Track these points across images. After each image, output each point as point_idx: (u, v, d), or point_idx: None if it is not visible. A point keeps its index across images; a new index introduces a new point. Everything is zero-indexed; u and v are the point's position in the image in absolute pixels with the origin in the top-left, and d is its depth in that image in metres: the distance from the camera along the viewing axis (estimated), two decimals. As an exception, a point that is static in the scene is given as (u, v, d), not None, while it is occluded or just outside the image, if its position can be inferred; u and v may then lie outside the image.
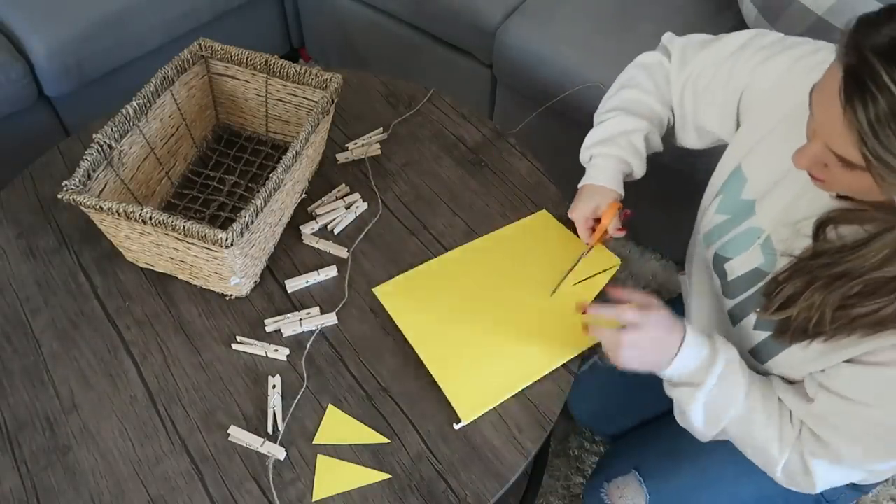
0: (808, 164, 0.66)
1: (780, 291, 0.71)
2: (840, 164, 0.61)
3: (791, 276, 0.71)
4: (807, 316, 0.69)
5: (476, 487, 0.79)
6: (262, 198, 0.85)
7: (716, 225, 0.86)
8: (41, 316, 0.94)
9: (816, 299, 0.67)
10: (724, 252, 0.85)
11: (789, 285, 0.71)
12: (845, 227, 0.69)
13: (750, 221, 0.81)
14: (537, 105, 1.41)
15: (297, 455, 0.82)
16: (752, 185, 0.82)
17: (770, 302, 0.73)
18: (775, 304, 0.72)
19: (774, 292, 0.72)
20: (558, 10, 1.55)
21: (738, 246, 0.82)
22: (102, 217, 0.87)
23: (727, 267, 0.84)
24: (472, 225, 1.04)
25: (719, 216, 0.86)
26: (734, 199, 0.84)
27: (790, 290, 0.70)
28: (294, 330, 0.92)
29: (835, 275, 0.66)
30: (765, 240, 0.79)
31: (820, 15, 1.24)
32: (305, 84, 1.02)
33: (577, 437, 1.42)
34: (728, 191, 0.85)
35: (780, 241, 0.77)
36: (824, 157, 0.63)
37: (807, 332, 0.70)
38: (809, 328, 0.69)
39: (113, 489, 0.80)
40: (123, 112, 0.93)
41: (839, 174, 0.63)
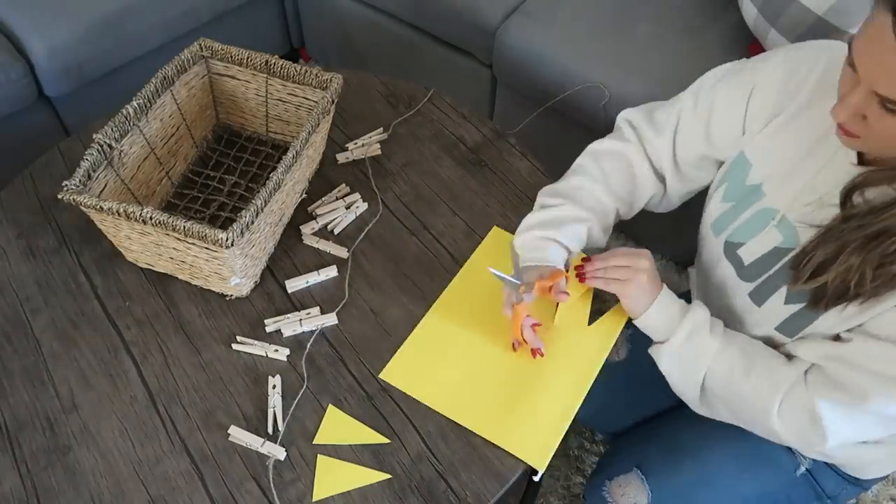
0: (847, 115, 0.66)
1: (809, 260, 0.72)
2: (883, 112, 0.62)
3: (821, 243, 0.72)
4: (844, 279, 0.70)
5: (476, 487, 0.79)
6: (262, 198, 0.85)
7: (722, 213, 0.87)
8: (41, 316, 0.94)
9: (854, 261, 0.68)
10: (735, 238, 0.85)
11: (819, 252, 0.71)
12: (872, 190, 0.70)
13: (759, 204, 0.82)
14: (537, 105, 1.41)
15: (297, 455, 0.82)
16: (758, 168, 0.83)
17: (800, 272, 0.74)
18: (806, 272, 0.73)
19: (804, 262, 0.73)
20: (558, 11, 1.55)
21: (750, 230, 0.83)
22: (102, 217, 0.87)
23: (741, 252, 0.85)
24: (472, 225, 1.04)
25: (725, 204, 0.87)
26: (739, 186, 0.85)
27: (821, 257, 0.71)
28: (294, 330, 0.92)
29: (870, 235, 0.67)
30: (780, 219, 0.80)
31: (820, 15, 1.24)
32: (305, 84, 1.02)
33: (577, 436, 1.42)
34: (732, 178, 0.86)
35: (799, 217, 0.78)
36: (866, 106, 0.63)
37: (846, 295, 0.71)
38: (850, 290, 0.70)
39: (113, 489, 0.80)
40: (123, 112, 0.93)
41: (879, 123, 0.64)
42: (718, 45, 1.46)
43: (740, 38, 1.46)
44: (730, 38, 1.47)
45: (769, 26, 1.33)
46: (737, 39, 1.47)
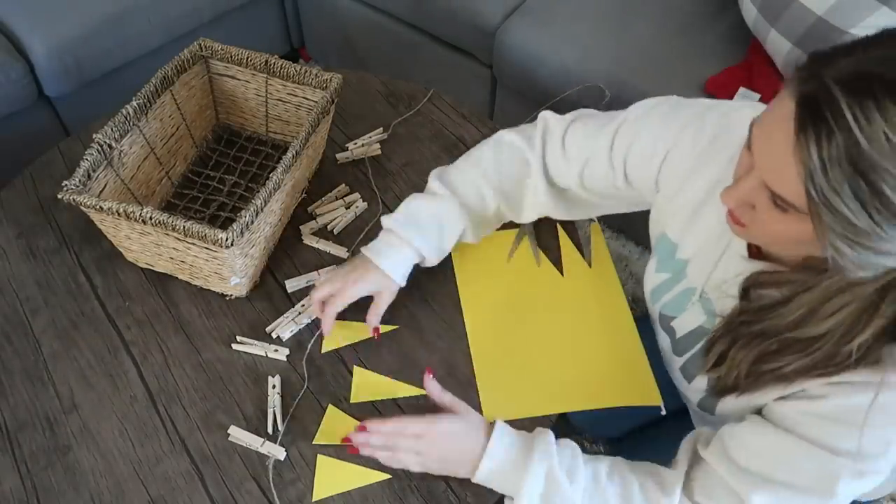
0: (736, 202, 0.62)
1: (711, 350, 0.73)
2: (771, 206, 0.58)
3: (721, 334, 0.72)
4: (728, 372, 0.70)
5: (476, 488, 0.79)
6: (262, 198, 0.85)
7: (658, 284, 0.87)
8: (41, 316, 0.94)
9: (739, 357, 0.68)
10: (667, 311, 0.86)
11: (719, 344, 0.72)
12: (764, 290, 0.69)
13: (685, 282, 0.82)
14: (537, 105, 1.41)
15: (297, 455, 0.82)
16: (681, 248, 0.82)
17: (705, 360, 0.74)
18: (709, 362, 0.73)
19: (709, 351, 0.73)
20: (558, 10, 1.55)
21: (679, 305, 0.83)
22: (102, 217, 0.87)
23: (674, 325, 0.85)
24: (472, 225, 1.04)
25: (660, 275, 0.86)
26: (669, 259, 0.84)
27: (720, 348, 0.72)
28: (292, 330, 0.92)
29: (754, 333, 0.67)
30: (699, 298, 0.80)
31: (820, 15, 1.24)
32: (305, 84, 1.02)
33: (577, 437, 1.42)
34: (661, 252, 0.85)
35: (714, 300, 0.78)
36: (755, 196, 0.59)
37: (727, 388, 0.71)
38: (729, 384, 0.71)
39: (113, 489, 0.80)
40: (123, 112, 0.93)
41: (766, 218, 0.59)
42: (718, 45, 1.46)
43: (740, 38, 1.46)
44: (730, 38, 1.47)
45: (769, 26, 1.33)
46: (737, 39, 1.47)
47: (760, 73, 1.38)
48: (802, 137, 0.51)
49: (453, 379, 0.88)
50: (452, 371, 0.89)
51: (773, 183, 0.56)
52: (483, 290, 0.94)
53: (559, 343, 0.90)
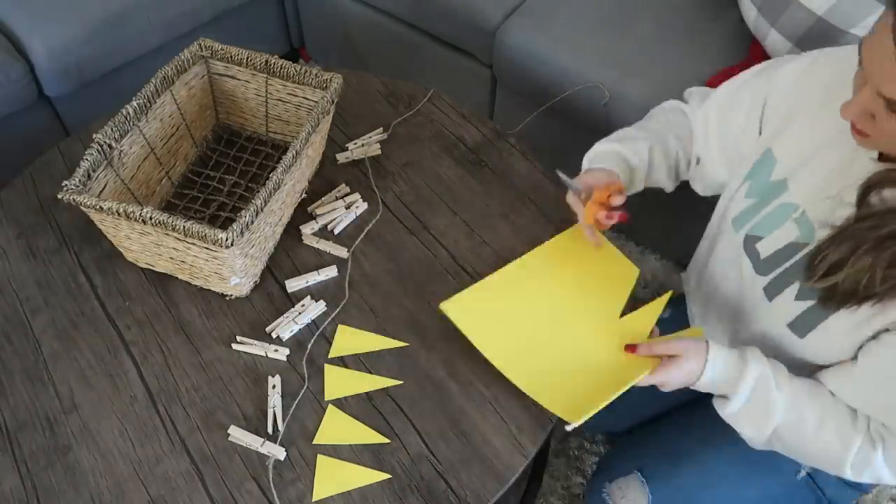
0: (855, 114, 0.66)
1: (824, 258, 0.72)
2: (889, 112, 0.62)
3: (835, 241, 0.72)
4: (855, 279, 0.69)
5: (476, 487, 0.79)
6: (262, 198, 0.85)
7: (744, 209, 0.87)
8: (41, 316, 0.94)
9: (865, 262, 0.68)
10: (756, 231, 0.85)
11: (833, 251, 0.71)
12: (889, 190, 0.69)
13: (781, 199, 0.82)
14: (537, 105, 1.41)
15: (297, 455, 0.82)
16: (782, 165, 0.83)
17: (814, 269, 0.73)
18: (820, 270, 0.72)
19: (818, 259, 0.73)
20: (558, 10, 1.55)
21: (770, 224, 0.84)
22: (102, 217, 0.87)
23: (759, 246, 0.85)
24: (472, 225, 1.04)
25: (748, 200, 0.87)
26: (763, 182, 0.85)
27: (835, 256, 0.71)
28: (292, 330, 0.92)
29: (883, 236, 0.67)
30: (800, 214, 0.80)
31: (820, 15, 1.24)
32: (305, 84, 1.02)
33: (577, 437, 1.42)
34: (756, 175, 0.87)
35: (818, 213, 0.78)
36: (873, 105, 0.64)
37: (856, 294, 0.70)
38: (859, 290, 0.70)
39: (113, 489, 0.80)
40: (123, 112, 0.93)
41: (886, 124, 0.64)
42: (718, 45, 1.46)
43: (740, 38, 1.46)
44: (730, 38, 1.47)
45: (769, 26, 1.33)
46: (737, 39, 1.47)
47: (760, 73, 1.38)
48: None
49: (453, 379, 0.88)
50: (452, 372, 0.89)
51: (885, 89, 0.61)
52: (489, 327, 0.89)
53: (572, 338, 0.89)
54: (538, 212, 1.06)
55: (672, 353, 0.81)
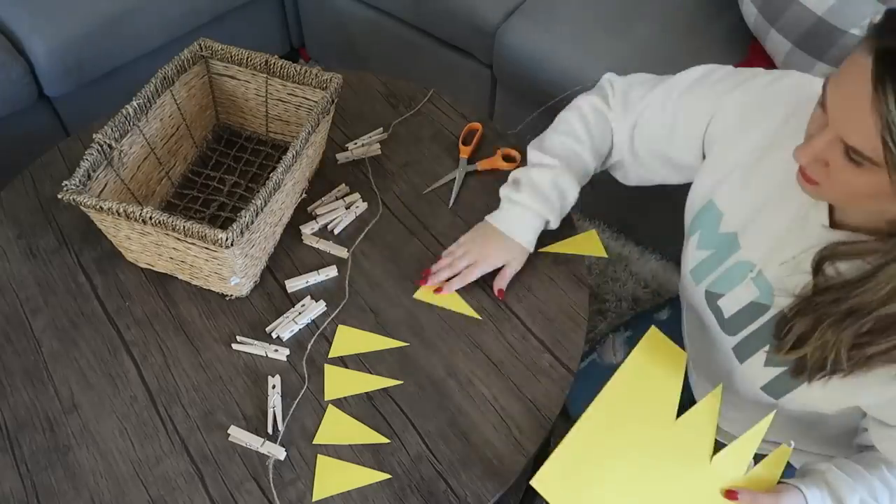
0: (810, 159, 0.62)
1: (790, 330, 0.70)
2: (846, 161, 0.59)
3: (799, 313, 0.69)
4: (822, 354, 0.67)
5: (476, 487, 0.79)
6: (262, 198, 0.85)
7: (701, 261, 0.85)
8: (41, 316, 0.94)
9: (830, 337, 0.66)
10: (715, 289, 0.83)
11: (799, 323, 0.69)
12: (844, 263, 0.67)
13: (737, 255, 0.79)
14: (537, 105, 1.41)
15: (297, 455, 0.82)
16: (729, 218, 0.80)
17: (782, 342, 0.71)
18: (787, 343, 0.70)
19: (784, 331, 0.71)
20: (558, 10, 1.55)
21: (729, 281, 0.81)
22: (102, 217, 0.87)
23: (720, 304, 0.83)
24: (472, 225, 1.04)
25: (701, 252, 0.84)
26: (712, 234, 0.82)
27: (801, 328, 0.69)
28: (292, 330, 0.92)
29: (843, 311, 0.65)
30: (757, 274, 0.77)
31: (820, 15, 1.24)
32: (305, 84, 1.02)
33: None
34: (704, 225, 0.84)
35: (774, 276, 0.76)
36: (830, 152, 0.60)
37: (824, 369, 0.68)
38: (827, 365, 0.68)
39: (113, 489, 0.80)
40: (123, 112, 0.93)
41: (840, 174, 0.60)
42: (718, 45, 1.46)
43: (740, 38, 1.46)
44: (730, 38, 1.47)
45: (769, 26, 1.34)
46: (737, 39, 1.47)
47: (760, 73, 1.38)
48: (881, 90, 0.53)
49: (453, 379, 0.88)
50: (452, 372, 0.89)
51: (849, 136, 0.57)
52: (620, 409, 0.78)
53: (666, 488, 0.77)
54: (538, 212, 1.06)
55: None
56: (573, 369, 0.89)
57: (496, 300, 0.95)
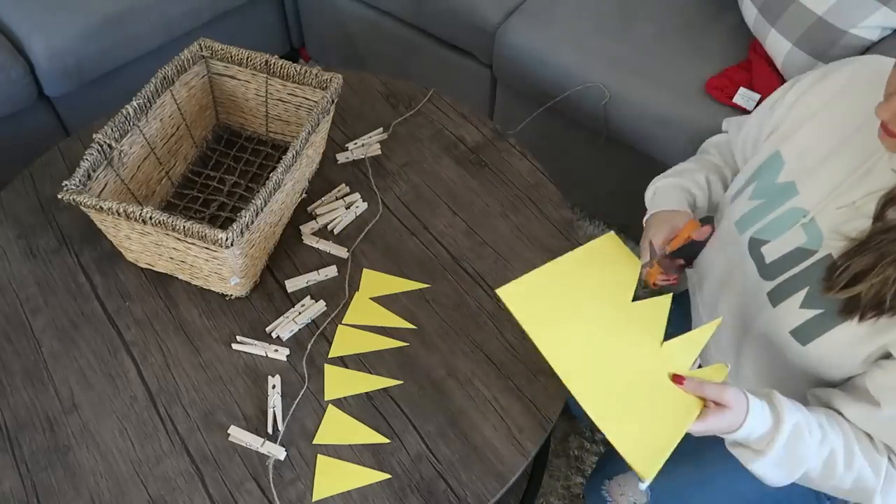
0: (891, 114, 0.65)
1: (846, 268, 0.71)
2: None
3: (856, 253, 0.71)
4: (879, 291, 0.69)
5: (476, 487, 0.79)
6: (262, 198, 0.85)
7: (750, 210, 0.87)
8: (41, 316, 0.94)
9: (890, 273, 0.67)
10: (762, 235, 0.85)
11: (856, 262, 0.70)
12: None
13: (791, 202, 0.82)
14: (537, 105, 1.41)
15: (297, 455, 0.82)
16: (790, 167, 0.83)
17: (835, 280, 0.73)
18: (841, 281, 0.72)
19: (839, 270, 0.72)
20: (558, 10, 1.55)
21: (778, 228, 0.83)
22: (102, 217, 0.87)
23: (764, 250, 0.84)
24: (472, 225, 1.04)
25: (753, 202, 0.86)
26: (769, 184, 0.84)
27: (857, 267, 0.70)
28: (292, 330, 0.92)
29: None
30: (809, 220, 0.79)
31: (820, 15, 1.24)
32: (305, 84, 1.02)
33: (577, 437, 1.42)
34: (763, 176, 0.86)
35: (828, 221, 0.77)
36: None
37: (881, 305, 0.70)
38: (886, 301, 0.69)
39: (113, 489, 0.80)
40: (123, 112, 0.93)
41: None
42: (718, 45, 1.46)
43: (740, 37, 1.46)
44: (730, 38, 1.47)
45: (769, 26, 1.33)
46: (737, 39, 1.47)
47: (760, 73, 1.38)
48: None
49: (453, 379, 0.88)
50: (452, 372, 0.89)
51: None
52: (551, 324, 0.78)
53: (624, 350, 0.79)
54: (538, 211, 1.06)
55: (719, 401, 0.74)
56: (573, 369, 0.89)
57: (496, 300, 0.95)
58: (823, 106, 0.81)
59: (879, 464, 0.74)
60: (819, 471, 0.76)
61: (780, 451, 0.74)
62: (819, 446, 0.74)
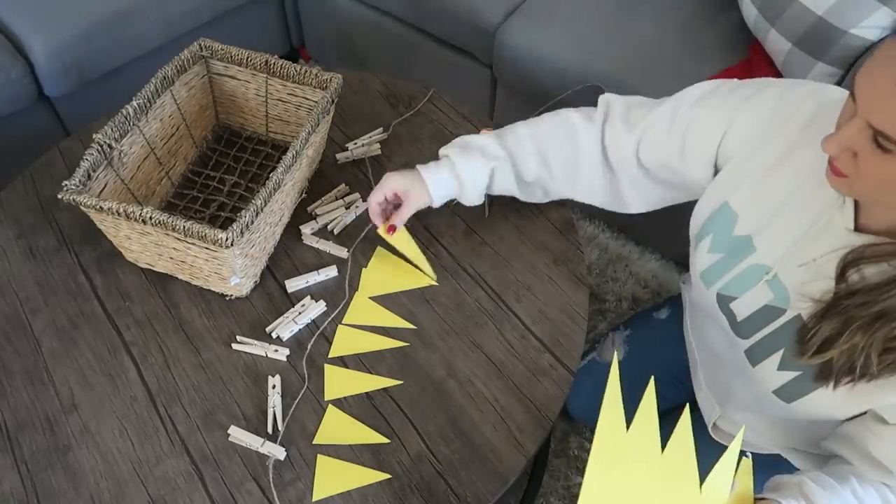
0: (838, 148, 0.62)
1: (816, 333, 0.69)
2: (874, 148, 0.59)
3: (824, 317, 0.69)
4: (849, 357, 0.67)
5: (476, 487, 0.79)
6: (262, 198, 0.85)
7: (711, 265, 0.84)
8: (41, 316, 0.94)
9: (858, 341, 0.65)
10: (728, 291, 0.82)
11: (825, 327, 0.68)
12: (869, 268, 0.66)
13: (751, 259, 0.79)
14: (537, 105, 1.41)
15: (297, 455, 0.82)
16: (745, 220, 0.79)
17: (805, 346, 0.71)
18: (811, 347, 0.70)
19: (809, 335, 0.70)
20: (558, 10, 1.55)
21: (742, 284, 0.80)
22: (102, 217, 0.87)
23: (733, 307, 0.82)
24: (472, 225, 1.04)
25: (713, 255, 0.83)
26: (726, 237, 0.81)
27: (827, 332, 0.68)
28: (292, 330, 0.92)
29: (874, 314, 0.64)
30: (773, 277, 0.77)
31: (820, 15, 1.24)
32: (305, 84, 1.02)
33: (577, 437, 1.42)
34: (717, 228, 0.83)
35: (792, 280, 0.75)
36: (858, 140, 0.60)
37: (853, 373, 0.68)
38: (856, 369, 0.67)
39: (113, 489, 0.80)
40: (123, 112, 0.93)
41: (869, 163, 0.60)
42: (718, 44, 1.46)
43: (740, 38, 1.46)
44: (730, 38, 1.47)
45: (769, 26, 1.33)
46: (737, 39, 1.47)
47: (760, 73, 1.38)
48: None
49: (453, 379, 0.88)
50: (452, 372, 0.89)
51: (877, 120, 0.58)
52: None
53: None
54: (538, 211, 1.06)
55: None
56: (573, 369, 0.89)
57: (496, 300, 0.95)
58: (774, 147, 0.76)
59: None
60: None
61: None
62: None
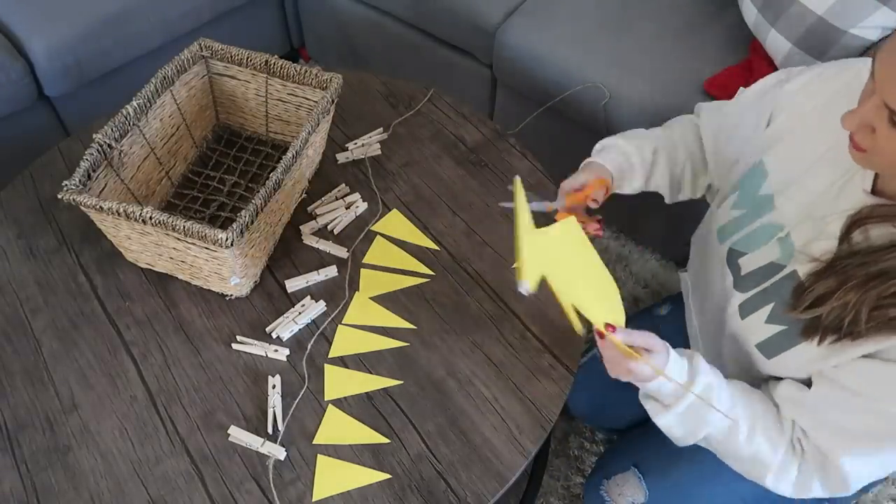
0: (856, 124, 0.65)
1: (811, 290, 0.71)
2: (890, 127, 0.61)
3: (822, 275, 0.71)
4: (840, 314, 0.68)
5: (476, 487, 0.79)
6: (262, 198, 0.85)
7: (731, 220, 0.86)
8: (41, 316, 0.94)
9: (851, 298, 0.67)
10: (740, 247, 0.85)
11: (821, 284, 0.70)
12: (876, 227, 0.68)
13: (769, 217, 0.81)
14: (537, 105, 1.41)
15: (297, 455, 0.82)
16: (773, 178, 0.82)
17: (799, 300, 0.73)
18: (804, 302, 0.72)
19: (805, 290, 0.72)
20: (558, 10, 1.55)
21: (755, 241, 0.82)
22: (102, 217, 0.87)
23: (741, 262, 0.84)
24: (472, 225, 1.04)
25: (735, 211, 0.86)
26: (752, 195, 0.84)
27: (822, 289, 0.70)
28: (292, 330, 0.92)
29: (870, 274, 0.66)
30: (785, 235, 0.79)
31: (820, 15, 1.24)
32: (305, 84, 1.02)
33: (577, 437, 1.42)
34: (746, 186, 0.86)
35: (800, 237, 0.77)
36: (876, 118, 0.62)
37: (839, 330, 0.69)
38: (843, 326, 0.69)
39: (113, 489, 0.80)
40: (123, 112, 0.93)
41: (886, 141, 0.63)
42: (718, 44, 1.46)
43: (740, 38, 1.46)
44: (730, 38, 1.47)
45: (769, 26, 1.33)
46: (737, 39, 1.46)
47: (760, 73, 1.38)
48: None
49: (453, 379, 0.88)
50: (452, 372, 0.89)
51: (893, 100, 0.60)
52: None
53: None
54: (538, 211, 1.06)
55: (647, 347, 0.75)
56: (573, 369, 0.89)
57: (496, 300, 0.95)
58: (813, 110, 0.80)
59: (778, 447, 0.75)
60: (719, 438, 0.78)
61: (687, 409, 0.76)
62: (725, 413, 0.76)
